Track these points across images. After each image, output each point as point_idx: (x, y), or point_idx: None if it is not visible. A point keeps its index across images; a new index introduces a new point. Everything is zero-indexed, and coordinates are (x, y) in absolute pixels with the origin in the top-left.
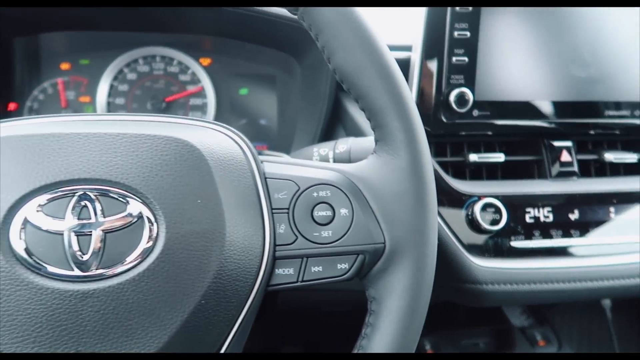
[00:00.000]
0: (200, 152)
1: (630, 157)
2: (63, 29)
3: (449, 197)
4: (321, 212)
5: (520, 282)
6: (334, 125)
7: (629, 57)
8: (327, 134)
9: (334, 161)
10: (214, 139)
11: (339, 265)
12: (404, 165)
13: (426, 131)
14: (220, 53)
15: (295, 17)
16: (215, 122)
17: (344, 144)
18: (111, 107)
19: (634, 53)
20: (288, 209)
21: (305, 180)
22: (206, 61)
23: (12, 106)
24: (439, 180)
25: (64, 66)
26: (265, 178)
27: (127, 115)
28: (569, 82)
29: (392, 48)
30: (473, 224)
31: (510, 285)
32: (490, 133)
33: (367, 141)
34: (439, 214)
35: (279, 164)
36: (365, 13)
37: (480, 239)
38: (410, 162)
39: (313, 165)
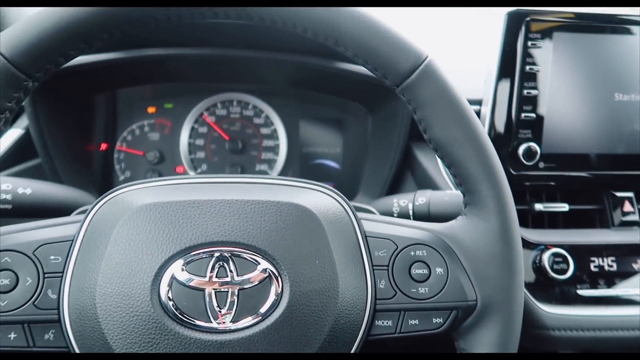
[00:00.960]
0: (316, 217)
1: None
2: (147, 83)
3: None
4: (418, 270)
5: (585, 329)
6: (403, 172)
7: None
8: (397, 181)
9: (413, 212)
10: (324, 201)
11: (434, 319)
12: (495, 229)
13: None
14: (292, 98)
15: (376, 76)
16: (321, 184)
17: (422, 197)
18: (191, 148)
19: None
20: (387, 266)
21: (403, 240)
22: (279, 105)
23: (103, 146)
24: None
25: (151, 110)
26: (366, 237)
27: (253, 178)
28: (631, 136)
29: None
30: (540, 271)
31: (575, 332)
32: (553, 183)
33: (446, 195)
34: None
35: (376, 223)
36: (459, 91)
37: (546, 286)
38: (501, 227)
39: (406, 224)
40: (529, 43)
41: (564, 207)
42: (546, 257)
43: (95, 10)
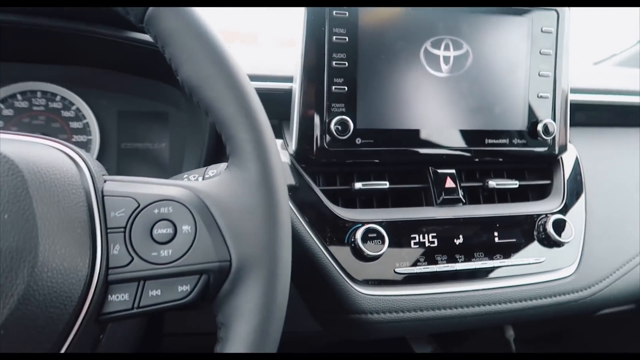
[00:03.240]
0: (14, 163)
1: (511, 183)
2: None
3: (333, 226)
4: (161, 230)
5: (406, 310)
6: (219, 154)
7: (510, 87)
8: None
9: None
10: (41, 153)
11: (180, 287)
12: (254, 178)
13: (310, 159)
14: (109, 89)
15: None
16: (53, 139)
17: (214, 169)
18: None
19: (515, 83)
20: (125, 227)
21: (146, 197)
22: (92, 97)
23: None
24: (322, 208)
25: None
26: (103, 196)
27: None
28: (452, 111)
29: (276, 79)
30: (356, 251)
31: (396, 314)
32: (377, 161)
33: None
34: (323, 242)
35: (121, 182)
36: (210, 20)
37: (364, 267)
38: (259, 175)
39: (159, 182)
40: (334, 13)
41: (384, 184)
42: (359, 234)
43: None
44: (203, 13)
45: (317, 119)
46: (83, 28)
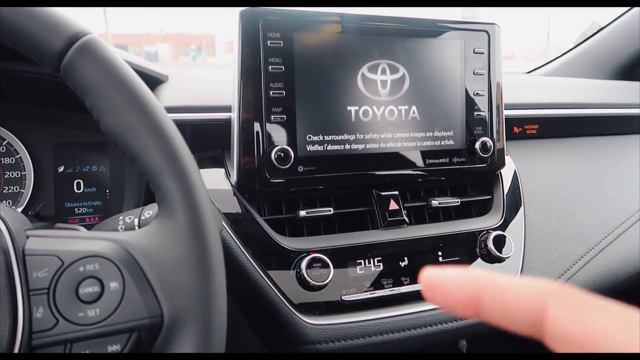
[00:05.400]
0: None
1: (453, 202)
2: None
3: (278, 256)
4: (87, 289)
5: (354, 337)
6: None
7: (448, 107)
8: (152, 199)
9: (139, 228)
10: None
11: (109, 347)
12: (183, 228)
13: (253, 189)
14: (43, 123)
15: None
16: None
17: (150, 210)
18: None
19: (452, 103)
20: (48, 288)
21: (70, 255)
22: (24, 131)
23: None
24: (266, 239)
25: None
26: (24, 256)
27: None
28: (392, 134)
29: (216, 109)
30: (302, 281)
31: (344, 342)
32: (321, 187)
33: None
34: (267, 273)
35: (44, 238)
36: (130, 69)
37: (311, 296)
38: (189, 225)
39: (85, 236)
40: (268, 42)
41: (329, 210)
42: (304, 264)
43: None
44: (122, 60)
45: (257, 149)
46: (6, 67)
